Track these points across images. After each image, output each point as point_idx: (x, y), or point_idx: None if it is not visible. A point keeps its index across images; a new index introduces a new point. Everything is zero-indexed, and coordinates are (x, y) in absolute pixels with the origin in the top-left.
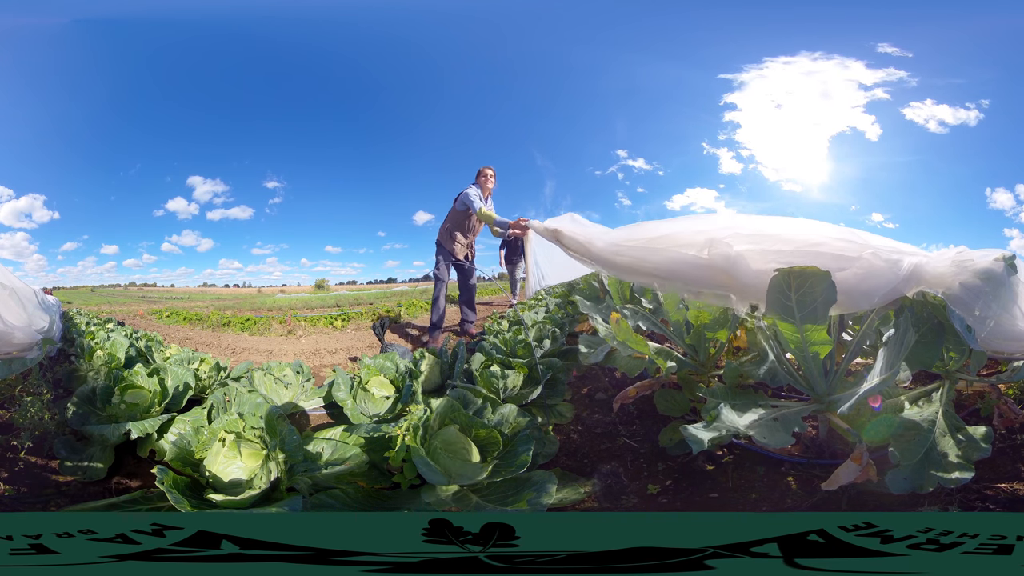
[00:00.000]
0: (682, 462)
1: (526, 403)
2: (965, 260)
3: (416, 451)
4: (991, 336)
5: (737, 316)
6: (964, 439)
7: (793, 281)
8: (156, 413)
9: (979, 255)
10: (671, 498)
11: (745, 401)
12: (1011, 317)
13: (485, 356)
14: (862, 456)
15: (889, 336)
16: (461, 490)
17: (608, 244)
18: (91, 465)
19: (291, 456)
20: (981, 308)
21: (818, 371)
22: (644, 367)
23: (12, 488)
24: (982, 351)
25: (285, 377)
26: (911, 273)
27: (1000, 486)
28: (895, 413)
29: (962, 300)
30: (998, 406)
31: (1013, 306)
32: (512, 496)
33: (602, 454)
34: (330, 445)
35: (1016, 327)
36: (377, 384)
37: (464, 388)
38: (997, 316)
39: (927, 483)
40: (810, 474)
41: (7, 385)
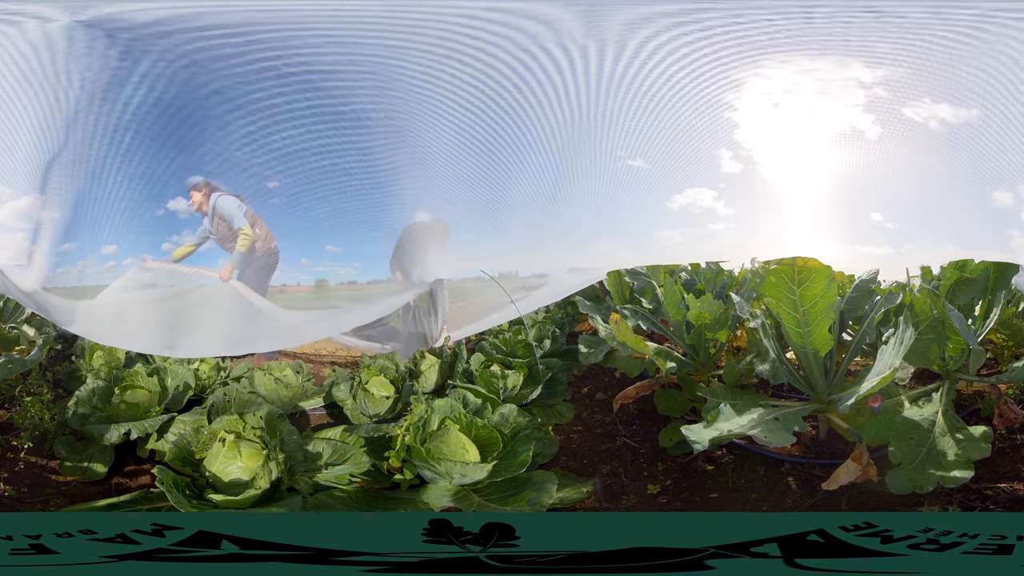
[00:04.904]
0: (682, 462)
1: (526, 403)
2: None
3: (416, 451)
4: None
5: (737, 316)
6: (964, 439)
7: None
8: (156, 413)
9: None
10: (671, 498)
11: (745, 401)
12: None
13: (485, 356)
14: (862, 456)
15: (889, 335)
16: (461, 490)
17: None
18: (91, 465)
19: (291, 456)
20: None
21: (818, 370)
22: (644, 367)
23: (12, 488)
24: (980, 349)
25: (285, 377)
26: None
27: (1000, 486)
28: (895, 413)
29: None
30: (998, 406)
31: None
32: (512, 496)
33: (602, 454)
34: (330, 445)
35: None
36: (377, 384)
37: (464, 388)
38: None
39: (927, 483)
40: (810, 474)
41: (7, 385)
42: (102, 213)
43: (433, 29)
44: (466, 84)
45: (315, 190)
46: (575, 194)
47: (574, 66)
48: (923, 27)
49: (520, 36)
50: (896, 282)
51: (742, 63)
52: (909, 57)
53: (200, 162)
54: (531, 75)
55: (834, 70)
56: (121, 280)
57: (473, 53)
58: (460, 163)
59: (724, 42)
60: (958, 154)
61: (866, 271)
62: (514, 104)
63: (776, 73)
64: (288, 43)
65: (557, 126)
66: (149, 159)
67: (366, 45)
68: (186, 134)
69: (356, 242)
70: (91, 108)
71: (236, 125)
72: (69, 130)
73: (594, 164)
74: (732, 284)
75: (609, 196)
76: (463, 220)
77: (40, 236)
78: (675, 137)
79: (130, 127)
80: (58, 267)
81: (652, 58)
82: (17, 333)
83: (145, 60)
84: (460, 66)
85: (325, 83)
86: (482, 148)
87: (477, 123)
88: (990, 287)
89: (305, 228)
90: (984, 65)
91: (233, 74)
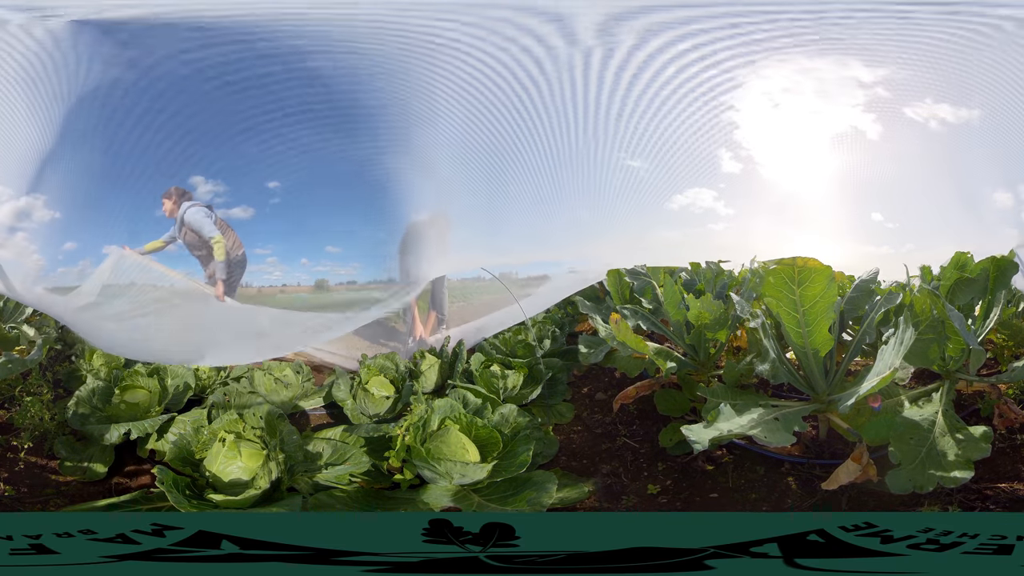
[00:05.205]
0: (682, 462)
1: (526, 403)
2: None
3: (416, 451)
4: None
5: (737, 316)
6: (964, 439)
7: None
8: (156, 413)
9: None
10: (671, 498)
11: (745, 401)
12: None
13: (485, 356)
14: (862, 456)
15: (889, 335)
16: (461, 490)
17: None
18: (91, 465)
19: (291, 456)
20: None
21: (818, 370)
22: (644, 367)
23: (12, 488)
24: (980, 349)
25: (285, 377)
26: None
27: (1000, 486)
28: (895, 413)
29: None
30: (998, 406)
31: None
32: (512, 496)
33: (602, 454)
34: (330, 445)
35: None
36: (377, 384)
37: (464, 388)
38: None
39: (927, 483)
40: (810, 474)
41: (7, 385)
42: (102, 213)
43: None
44: (468, 83)
45: (315, 190)
46: (575, 194)
47: (574, 66)
48: (924, 27)
49: (523, 35)
50: (896, 282)
51: (742, 63)
52: (910, 57)
53: (200, 162)
54: (531, 75)
55: (834, 70)
56: (101, 270)
57: (474, 52)
58: (460, 163)
59: (724, 42)
60: (958, 154)
61: (866, 271)
62: (514, 104)
63: (776, 73)
64: (288, 43)
65: (558, 126)
66: (149, 158)
67: (366, 45)
68: (187, 134)
69: (357, 243)
70: (91, 108)
71: (236, 125)
72: (69, 130)
73: (594, 164)
74: (732, 284)
75: (609, 196)
76: (463, 220)
77: (40, 236)
78: (675, 137)
79: (131, 127)
80: (58, 267)
81: (652, 59)
82: (17, 333)
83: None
84: (463, 64)
85: (330, 83)
86: (483, 148)
87: (478, 122)
88: (990, 287)
89: (305, 229)
90: (985, 65)
91: (233, 73)
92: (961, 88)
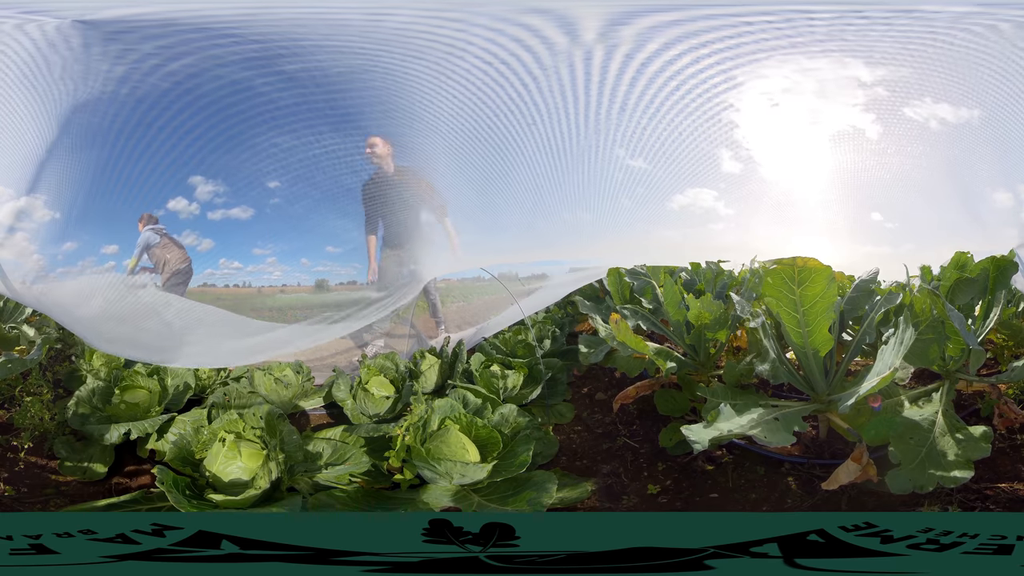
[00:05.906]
0: (682, 462)
1: (526, 403)
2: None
3: (416, 451)
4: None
5: (737, 316)
6: (964, 439)
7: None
8: (156, 413)
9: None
10: (671, 498)
11: (745, 401)
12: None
13: (485, 356)
14: (862, 456)
15: (889, 335)
16: (461, 490)
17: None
18: (91, 465)
19: (291, 456)
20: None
21: (819, 370)
22: (644, 367)
23: (12, 488)
24: (980, 349)
25: (285, 377)
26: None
27: (1000, 486)
28: (895, 413)
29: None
30: (998, 406)
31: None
32: (512, 496)
33: (602, 454)
34: (330, 445)
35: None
36: (377, 384)
37: (464, 388)
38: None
39: (927, 483)
40: (810, 474)
41: (7, 385)
42: (102, 213)
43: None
44: (468, 81)
45: (315, 190)
46: (575, 194)
47: (574, 66)
48: (924, 26)
49: (525, 34)
50: (896, 282)
51: (742, 63)
52: (910, 57)
53: (201, 162)
54: (532, 74)
55: (834, 69)
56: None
57: (474, 51)
58: (460, 162)
59: (724, 42)
60: (958, 154)
61: (866, 271)
62: (514, 103)
63: (776, 73)
64: (289, 42)
65: (558, 126)
66: (149, 159)
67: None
68: (187, 134)
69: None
70: (91, 107)
71: (237, 125)
72: (70, 130)
73: (594, 164)
74: (732, 284)
75: (609, 196)
76: (463, 220)
77: (40, 236)
78: (675, 137)
79: (131, 127)
80: (58, 267)
81: (653, 59)
82: (17, 333)
83: (145, 60)
84: (462, 63)
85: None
86: (483, 147)
87: (478, 121)
88: (990, 287)
89: (305, 229)
90: (985, 64)
91: (233, 73)
92: (961, 88)
